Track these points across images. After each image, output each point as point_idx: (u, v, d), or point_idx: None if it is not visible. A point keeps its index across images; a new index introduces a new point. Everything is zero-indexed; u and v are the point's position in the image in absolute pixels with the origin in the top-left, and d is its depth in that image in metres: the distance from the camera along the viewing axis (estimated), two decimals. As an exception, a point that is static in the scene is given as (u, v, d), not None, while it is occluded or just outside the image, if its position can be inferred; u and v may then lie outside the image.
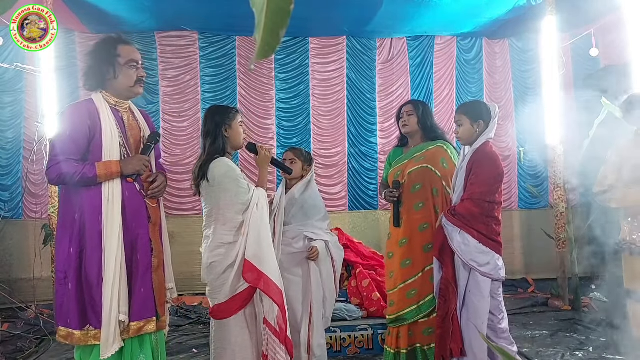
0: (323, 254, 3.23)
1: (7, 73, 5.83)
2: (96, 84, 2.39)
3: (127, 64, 2.38)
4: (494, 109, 2.92)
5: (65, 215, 2.31)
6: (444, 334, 2.83)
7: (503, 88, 7.21)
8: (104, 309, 2.21)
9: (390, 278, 3.27)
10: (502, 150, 7.12)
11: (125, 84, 2.39)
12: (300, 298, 3.18)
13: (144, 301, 2.34)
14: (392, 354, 3.21)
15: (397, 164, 3.30)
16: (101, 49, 2.40)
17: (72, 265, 2.24)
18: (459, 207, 2.83)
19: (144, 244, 2.37)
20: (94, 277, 2.23)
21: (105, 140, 2.31)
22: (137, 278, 2.32)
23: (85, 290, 2.25)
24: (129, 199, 2.33)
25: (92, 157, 2.30)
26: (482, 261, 2.77)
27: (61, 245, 2.29)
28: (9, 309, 5.33)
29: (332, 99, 6.96)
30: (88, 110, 2.32)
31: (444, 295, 2.86)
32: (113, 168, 2.28)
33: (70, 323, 2.25)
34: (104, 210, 2.26)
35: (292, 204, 3.28)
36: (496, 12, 6.17)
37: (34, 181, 6.09)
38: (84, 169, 2.23)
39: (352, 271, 4.63)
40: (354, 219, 6.85)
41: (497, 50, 7.19)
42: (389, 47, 7.04)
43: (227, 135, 2.75)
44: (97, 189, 2.27)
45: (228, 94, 6.75)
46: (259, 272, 2.60)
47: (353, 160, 6.98)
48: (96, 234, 2.24)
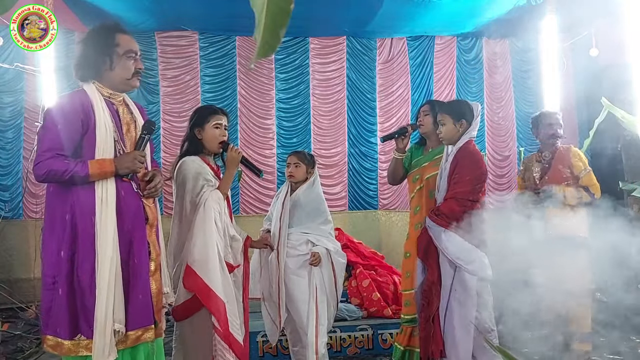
0: (324, 260, 3.24)
1: (7, 73, 5.83)
2: (90, 74, 2.19)
3: (126, 54, 2.19)
4: (476, 107, 2.93)
5: (54, 216, 2.12)
6: (427, 336, 2.84)
7: (503, 88, 7.21)
8: (97, 318, 2.04)
9: (406, 278, 3.25)
10: (502, 150, 7.12)
11: (122, 75, 2.20)
12: (307, 299, 3.19)
13: (142, 308, 2.17)
14: (402, 351, 3.21)
15: (416, 166, 3.28)
16: (98, 37, 2.20)
17: (63, 270, 2.07)
18: (442, 206, 2.83)
19: (142, 247, 2.21)
20: (86, 283, 2.06)
21: (99, 135, 2.12)
22: (135, 284, 2.16)
23: (77, 297, 2.07)
24: (124, 199, 2.15)
25: (84, 152, 2.11)
26: (468, 259, 2.77)
27: (49, 247, 2.11)
28: (9, 309, 5.32)
29: (332, 99, 6.96)
30: (81, 102, 2.12)
31: (427, 297, 2.86)
32: (107, 167, 2.09)
33: (60, 332, 2.07)
34: (98, 211, 2.08)
35: (296, 207, 3.28)
36: (496, 12, 6.17)
37: (34, 181, 6.08)
38: (75, 167, 2.04)
39: (352, 271, 4.63)
40: (354, 219, 6.84)
41: (497, 50, 7.19)
42: (389, 47, 7.04)
43: (200, 137, 2.71)
44: (90, 187, 2.09)
45: (228, 94, 6.75)
46: (199, 279, 2.47)
47: (353, 160, 6.98)
48: (89, 236, 2.07)
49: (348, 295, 4.48)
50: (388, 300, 4.34)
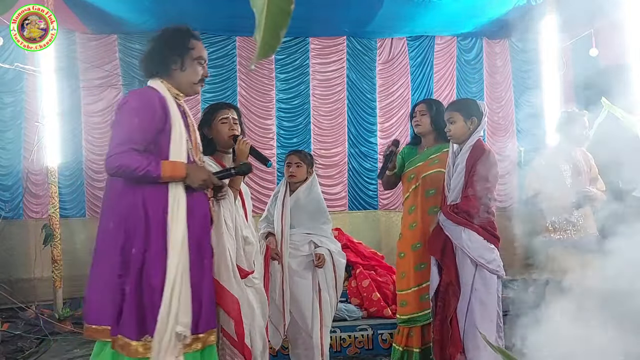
0: (327, 261, 3.24)
1: (8, 73, 5.82)
2: (160, 70, 2.17)
3: (197, 59, 2.21)
4: (483, 106, 2.94)
5: (122, 212, 2.04)
6: (443, 339, 2.79)
7: (503, 88, 7.21)
8: (160, 317, 1.96)
9: (402, 278, 3.22)
10: (502, 150, 7.11)
11: (190, 78, 2.20)
12: (310, 300, 3.18)
13: (210, 310, 2.15)
14: (400, 351, 3.19)
15: (411, 166, 3.25)
16: (173, 37, 2.20)
17: (133, 266, 2.00)
18: (463, 204, 2.79)
19: (208, 248, 2.19)
20: (157, 282, 1.99)
21: (174, 133, 2.08)
22: (204, 286, 2.12)
23: (146, 296, 2.00)
24: (195, 199, 2.12)
25: (156, 150, 2.06)
26: (489, 257, 2.76)
27: (116, 244, 2.02)
28: (9, 309, 5.32)
29: (333, 99, 6.96)
30: (158, 98, 2.09)
31: (444, 298, 2.82)
32: (179, 172, 2.04)
33: (128, 332, 1.98)
34: (171, 209, 2.03)
35: (297, 208, 3.27)
36: (496, 12, 6.17)
37: (34, 181, 6.09)
38: (148, 165, 1.98)
39: (352, 271, 4.63)
40: (354, 219, 6.84)
41: (497, 50, 7.19)
42: (389, 47, 7.04)
43: (210, 135, 2.65)
44: (164, 185, 2.04)
45: (228, 94, 6.74)
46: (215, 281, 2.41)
47: (353, 160, 6.98)
48: (162, 234, 2.02)
49: (348, 295, 4.48)
50: (388, 300, 4.34)
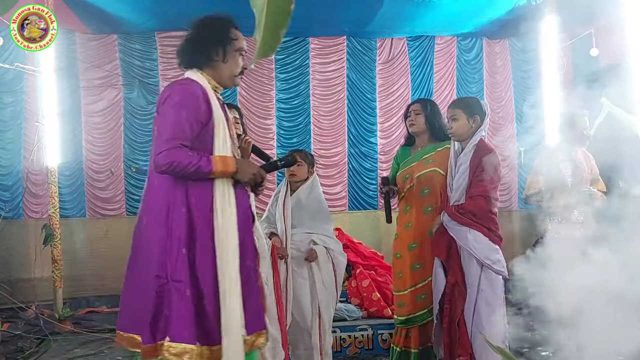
0: (323, 258, 3.23)
1: (8, 73, 5.82)
2: (200, 60, 2.07)
3: (239, 50, 2.10)
4: (486, 106, 2.94)
5: (165, 210, 1.95)
6: (452, 341, 2.76)
7: (503, 88, 7.21)
8: (229, 324, 1.88)
9: (398, 278, 3.21)
10: (502, 150, 7.10)
11: (232, 70, 2.09)
12: (310, 299, 3.19)
13: (257, 311, 2.06)
14: (399, 352, 3.19)
15: (405, 166, 3.24)
16: (215, 26, 2.10)
17: (185, 268, 1.90)
18: (468, 204, 2.76)
19: (251, 247, 2.10)
20: (208, 284, 1.90)
21: (218, 127, 1.99)
22: (250, 286, 2.03)
23: (196, 300, 1.91)
24: (238, 197, 2.03)
25: (200, 145, 1.97)
26: (495, 258, 2.75)
27: (162, 244, 1.93)
28: (9, 309, 5.32)
29: (333, 99, 6.96)
30: (201, 91, 1.99)
31: (450, 300, 2.79)
32: (230, 167, 1.97)
33: (186, 337, 1.87)
34: (218, 208, 1.94)
35: (298, 207, 3.27)
36: (496, 12, 6.17)
37: (34, 181, 6.09)
38: (199, 161, 1.90)
39: (352, 271, 4.63)
40: (354, 219, 6.84)
41: (497, 50, 7.19)
42: (389, 47, 7.04)
43: None
44: (209, 182, 1.96)
45: (228, 94, 6.73)
46: None
47: (353, 160, 6.97)
48: (208, 234, 1.93)
49: (348, 295, 4.48)
50: (388, 300, 4.33)
